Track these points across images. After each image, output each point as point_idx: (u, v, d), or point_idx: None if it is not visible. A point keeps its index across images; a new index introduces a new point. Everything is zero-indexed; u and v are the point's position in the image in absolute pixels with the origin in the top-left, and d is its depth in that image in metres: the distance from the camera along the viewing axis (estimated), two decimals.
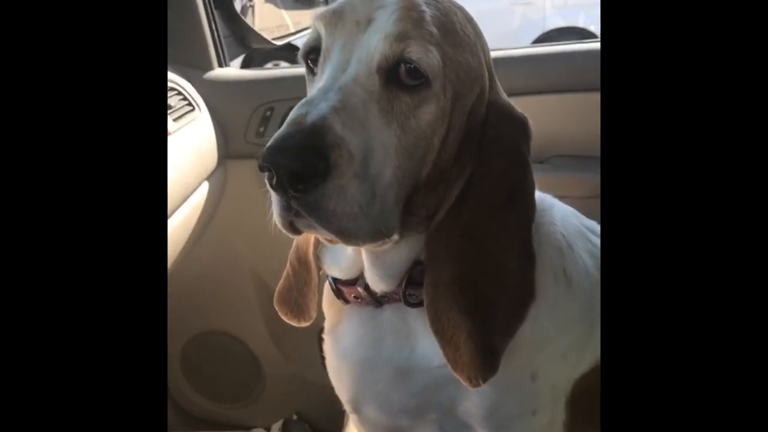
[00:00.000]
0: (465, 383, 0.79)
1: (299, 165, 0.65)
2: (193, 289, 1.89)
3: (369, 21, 0.75)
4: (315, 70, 0.81)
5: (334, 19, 0.77)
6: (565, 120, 1.62)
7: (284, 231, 0.75)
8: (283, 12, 2.55)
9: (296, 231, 0.75)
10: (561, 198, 1.01)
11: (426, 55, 0.73)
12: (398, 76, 0.74)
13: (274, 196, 0.71)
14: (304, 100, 0.71)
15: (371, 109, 0.72)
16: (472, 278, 0.79)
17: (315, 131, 0.67)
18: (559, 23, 5.93)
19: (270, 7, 2.55)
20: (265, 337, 1.92)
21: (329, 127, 0.67)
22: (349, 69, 0.73)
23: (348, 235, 0.71)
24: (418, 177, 0.77)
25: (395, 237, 0.77)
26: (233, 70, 1.85)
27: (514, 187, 0.81)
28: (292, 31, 2.36)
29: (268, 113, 1.73)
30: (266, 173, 0.67)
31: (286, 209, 0.71)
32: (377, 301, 0.88)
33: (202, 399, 2.05)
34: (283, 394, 1.99)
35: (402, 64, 0.74)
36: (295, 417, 2.02)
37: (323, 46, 0.78)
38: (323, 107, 0.69)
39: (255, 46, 2.05)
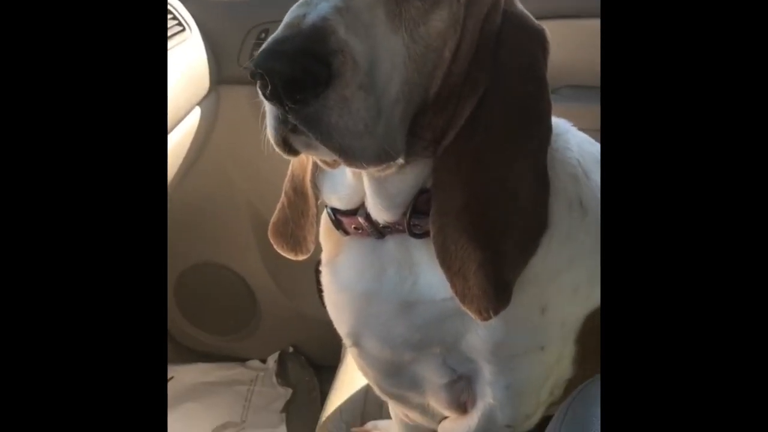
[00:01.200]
0: (474, 316, 0.75)
1: (298, 71, 0.57)
2: (186, 219, 1.85)
3: None
4: None
5: None
6: (578, 48, 1.53)
7: (278, 149, 0.68)
8: None
9: (292, 150, 0.68)
10: None
11: None
12: None
13: (268, 108, 0.64)
14: (300, 0, 0.63)
15: (377, 13, 0.65)
16: (483, 206, 0.73)
17: (315, 33, 0.59)
18: None
19: None
20: (260, 269, 1.89)
21: (332, 30, 0.60)
22: None
23: (351, 155, 0.64)
24: (426, 93, 0.70)
25: (400, 160, 0.71)
26: None
27: (530, 108, 0.74)
28: None
29: (263, 35, 1.64)
30: (259, 81, 0.60)
31: (282, 123, 0.63)
32: (379, 231, 0.82)
33: (197, 331, 2.05)
34: (279, 326, 1.98)
35: None
36: (291, 350, 2.02)
37: None
38: (324, 7, 0.61)
39: None
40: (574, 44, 1.54)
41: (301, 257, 0.91)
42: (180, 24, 1.57)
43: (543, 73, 0.74)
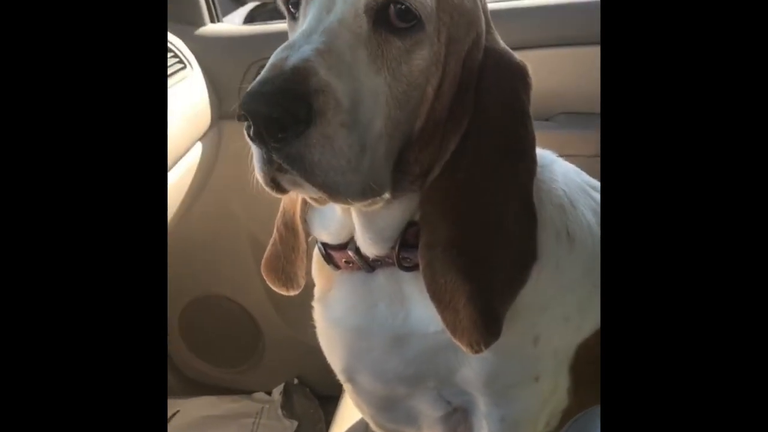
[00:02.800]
0: (465, 349, 0.75)
1: (278, 111, 0.59)
2: (190, 252, 1.86)
3: None
4: (296, 15, 0.74)
5: None
6: (572, 75, 1.55)
7: (267, 189, 0.70)
8: None
9: (280, 189, 0.69)
10: (566, 156, 0.96)
11: None
12: (388, 17, 0.68)
13: (254, 149, 0.66)
14: (285, 44, 0.65)
15: (359, 53, 0.66)
16: (470, 238, 0.74)
17: (296, 74, 0.61)
18: None
19: None
20: (264, 300, 1.89)
21: (313, 71, 0.61)
22: (335, 9, 0.67)
23: (336, 191, 0.65)
24: (410, 129, 0.72)
25: (386, 195, 0.72)
26: (226, 26, 1.78)
27: (513, 141, 0.75)
28: None
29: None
30: (245, 122, 0.62)
31: (268, 163, 0.65)
32: (369, 265, 0.83)
33: (202, 364, 2.04)
34: (283, 358, 1.97)
35: (392, 5, 0.67)
36: (296, 381, 2.01)
37: None
38: (306, 50, 0.63)
39: (249, 1, 1.97)
40: (569, 72, 1.55)
41: (292, 293, 0.92)
42: (181, 61, 1.60)
43: (525, 107, 0.75)
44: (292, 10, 0.76)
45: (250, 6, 1.97)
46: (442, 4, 0.69)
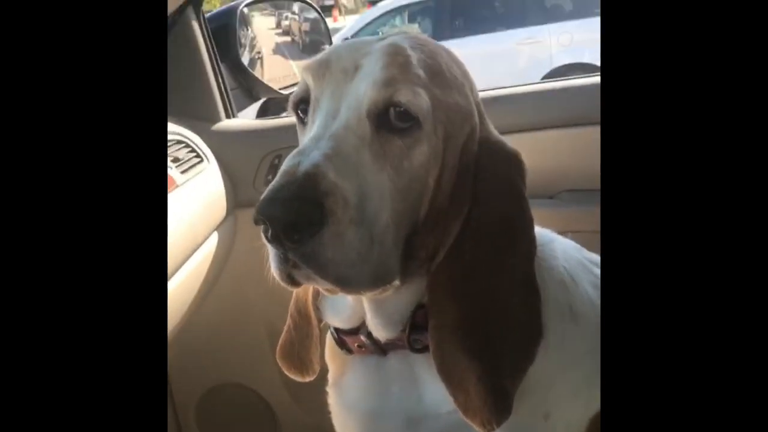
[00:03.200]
0: (478, 429, 0.76)
1: (293, 215, 0.65)
2: (206, 341, 1.87)
3: (356, 68, 0.76)
4: (305, 120, 0.81)
5: (321, 69, 0.78)
6: (574, 154, 1.60)
7: (283, 284, 0.74)
8: (291, 62, 2.60)
9: (295, 283, 0.74)
10: (570, 232, 0.99)
11: (415, 98, 0.73)
12: (389, 120, 0.74)
13: (270, 249, 0.71)
14: (296, 150, 0.71)
15: (364, 154, 0.72)
16: (477, 319, 0.76)
17: (308, 180, 0.66)
18: (566, 61, 5.96)
19: (278, 58, 2.61)
20: (279, 387, 1.88)
21: (322, 175, 0.67)
22: (340, 116, 0.74)
23: (347, 284, 0.70)
24: (415, 218, 0.77)
25: (396, 282, 0.76)
26: (240, 121, 1.87)
27: (512, 223, 0.79)
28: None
29: (276, 161, 1.73)
30: (262, 226, 0.67)
31: (284, 261, 0.70)
32: (381, 349, 0.86)
33: None
34: None
35: (392, 108, 0.74)
36: None
37: (312, 96, 0.79)
38: (315, 156, 0.68)
39: (262, 96, 2.08)
40: (570, 151, 1.61)
41: (307, 378, 0.94)
42: (198, 156, 1.67)
43: (521, 191, 0.80)
44: (301, 115, 0.83)
45: (263, 100, 2.07)
46: (436, 104, 0.75)
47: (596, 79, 1.65)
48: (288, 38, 2.68)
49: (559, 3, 6.38)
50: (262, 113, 2.82)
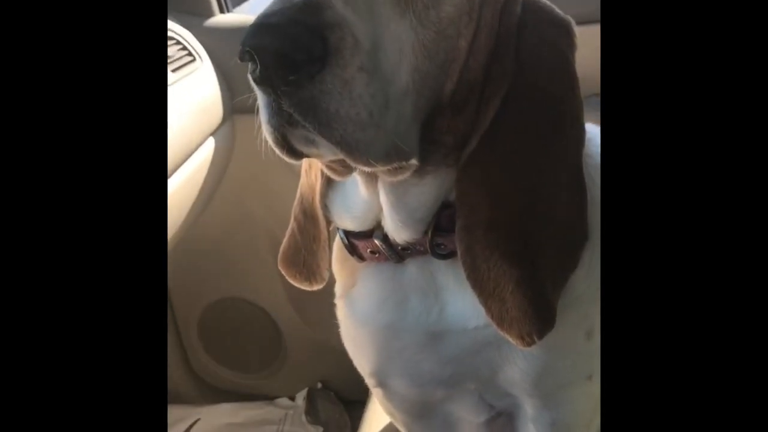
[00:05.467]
0: (516, 342, 0.66)
1: (289, 44, 0.50)
2: (206, 254, 1.80)
3: None
4: None
5: None
6: None
7: (276, 149, 0.61)
8: None
9: (292, 151, 0.61)
10: None
11: None
12: None
13: (260, 98, 0.57)
14: None
15: None
16: (516, 218, 0.65)
17: (309, 6, 0.52)
18: None
19: None
20: (284, 302, 1.82)
21: (327, 3, 0.53)
22: None
23: (355, 149, 0.56)
24: (440, 90, 0.63)
25: (414, 161, 0.63)
26: (237, 16, 1.72)
27: (560, 106, 0.66)
28: None
29: None
30: (249, 64, 0.53)
31: (277, 114, 0.56)
32: (398, 254, 0.74)
33: (222, 369, 1.98)
34: (306, 362, 1.90)
35: None
36: (320, 385, 1.94)
37: None
38: None
39: None
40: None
41: (316, 287, 0.83)
42: (190, 54, 1.53)
43: (572, 68, 0.67)
44: None
45: None
46: None
47: None
48: None
49: None
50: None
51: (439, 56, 0.61)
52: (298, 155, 0.61)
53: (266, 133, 0.60)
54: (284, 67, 0.51)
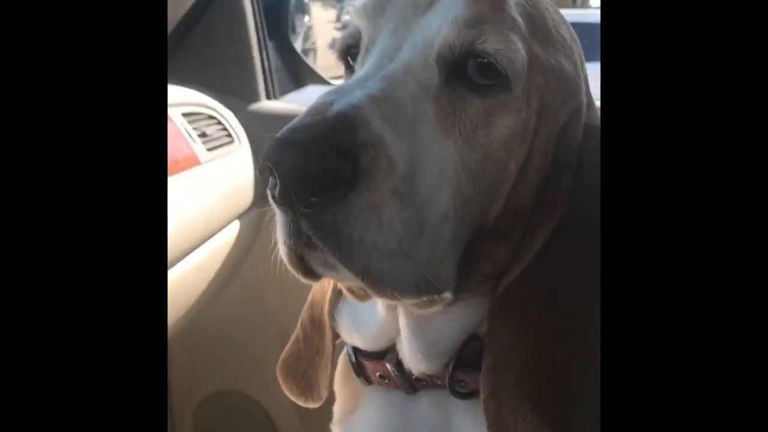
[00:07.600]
0: None
1: (314, 166, 0.45)
2: (213, 339, 1.74)
3: (431, 2, 0.57)
4: (355, 67, 0.62)
5: (380, 3, 0.58)
6: None
7: (292, 269, 0.55)
8: None
9: (310, 272, 0.54)
10: None
11: (507, 47, 0.54)
12: (465, 72, 0.55)
13: (279, 217, 0.52)
14: (332, 87, 0.52)
15: (425, 109, 0.53)
16: (555, 366, 0.55)
17: (342, 122, 0.47)
18: None
19: (333, 53, 2.48)
20: (286, 403, 1.69)
21: (363, 120, 0.48)
22: (400, 56, 0.55)
23: (379, 282, 0.50)
24: (484, 215, 0.57)
25: (447, 295, 0.55)
26: (280, 104, 1.73)
27: None
28: None
29: None
30: (270, 179, 0.48)
31: (295, 234, 0.51)
32: (411, 384, 0.65)
33: None
34: None
35: (472, 58, 0.54)
36: None
37: (365, 37, 0.61)
38: (357, 95, 0.49)
39: (309, 82, 1.92)
40: None
41: (311, 405, 0.75)
42: (229, 135, 1.53)
43: None
44: (351, 63, 0.64)
45: (310, 88, 1.91)
46: (534, 61, 0.56)
47: None
48: None
49: None
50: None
51: (485, 180, 0.56)
52: (316, 276, 0.55)
53: (282, 253, 0.55)
54: (307, 188, 0.46)
